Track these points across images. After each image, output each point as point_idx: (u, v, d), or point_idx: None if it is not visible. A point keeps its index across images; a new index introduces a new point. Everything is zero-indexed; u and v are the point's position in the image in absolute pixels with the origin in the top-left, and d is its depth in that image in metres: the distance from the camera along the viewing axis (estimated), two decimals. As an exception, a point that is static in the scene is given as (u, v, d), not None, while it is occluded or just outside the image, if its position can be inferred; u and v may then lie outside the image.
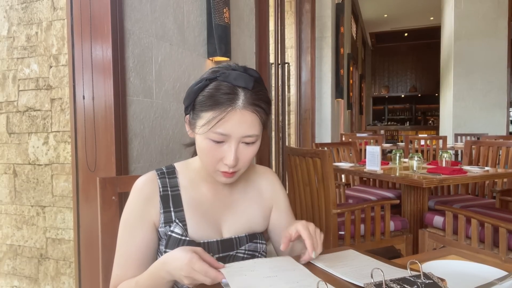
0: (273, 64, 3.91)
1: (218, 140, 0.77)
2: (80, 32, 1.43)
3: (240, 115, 0.76)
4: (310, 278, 0.70)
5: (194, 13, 1.96)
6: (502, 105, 6.37)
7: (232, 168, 0.80)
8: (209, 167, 0.82)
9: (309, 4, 4.78)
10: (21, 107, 1.90)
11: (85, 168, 1.45)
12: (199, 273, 0.67)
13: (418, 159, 2.36)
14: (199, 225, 0.84)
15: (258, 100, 0.78)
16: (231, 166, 0.79)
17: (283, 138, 4.09)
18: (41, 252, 1.88)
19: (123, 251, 0.83)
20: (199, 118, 0.79)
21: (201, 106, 0.78)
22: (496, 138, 4.50)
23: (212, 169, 0.82)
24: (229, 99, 0.75)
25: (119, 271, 0.83)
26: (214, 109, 0.76)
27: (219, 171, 0.81)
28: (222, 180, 0.83)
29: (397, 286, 0.61)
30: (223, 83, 0.77)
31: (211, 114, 0.76)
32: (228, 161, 0.78)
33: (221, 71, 0.79)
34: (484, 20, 6.36)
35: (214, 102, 0.76)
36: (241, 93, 0.76)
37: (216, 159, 0.80)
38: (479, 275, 0.76)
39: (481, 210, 2.15)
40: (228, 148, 0.78)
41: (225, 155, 0.79)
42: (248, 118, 0.77)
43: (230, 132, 0.76)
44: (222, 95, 0.76)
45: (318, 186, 2.00)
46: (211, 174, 0.84)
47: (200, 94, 0.79)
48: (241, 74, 0.77)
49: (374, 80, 13.67)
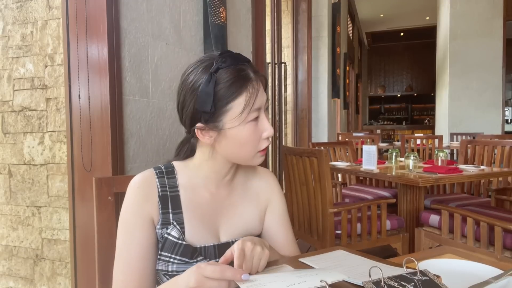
0: (269, 64, 3.91)
1: (255, 118, 0.79)
2: (76, 31, 1.42)
3: (257, 84, 0.79)
4: None
5: (190, 12, 1.95)
6: (498, 104, 6.40)
7: (269, 140, 0.82)
8: (252, 152, 0.82)
9: (306, 4, 4.78)
10: (16, 106, 1.89)
11: (81, 168, 1.44)
12: (211, 281, 0.60)
13: (414, 158, 2.37)
14: (197, 228, 0.82)
15: (256, 67, 0.83)
16: (272, 135, 0.82)
17: (279, 138, 4.09)
18: (36, 252, 1.87)
19: (123, 253, 0.79)
20: (228, 112, 0.76)
21: (226, 98, 0.76)
22: (491, 137, 4.53)
23: (254, 153, 0.82)
24: (247, 75, 0.78)
25: (122, 276, 0.79)
26: (244, 90, 0.77)
27: (259, 151, 0.82)
28: (260, 160, 0.84)
29: (395, 284, 0.61)
30: (231, 66, 0.77)
31: (243, 97, 0.76)
32: (270, 131, 0.80)
33: (215, 60, 0.77)
34: (480, 20, 6.39)
35: (240, 84, 0.77)
36: (247, 66, 0.80)
37: (258, 139, 0.81)
38: (474, 273, 0.76)
39: (477, 209, 2.16)
40: (263, 121, 0.81)
41: (264, 128, 0.81)
42: (261, 85, 0.81)
43: (261, 103, 0.80)
44: (240, 76, 0.77)
45: (314, 185, 2.00)
46: (249, 163, 0.84)
47: (217, 90, 0.76)
48: (232, 53, 0.80)
49: (370, 79, 13.71)
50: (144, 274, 0.79)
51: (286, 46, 4.71)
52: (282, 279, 0.62)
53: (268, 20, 3.83)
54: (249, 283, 0.60)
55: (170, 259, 0.79)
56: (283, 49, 4.53)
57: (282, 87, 4.16)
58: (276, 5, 4.09)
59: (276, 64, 4.08)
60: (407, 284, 0.61)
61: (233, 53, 0.80)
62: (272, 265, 0.78)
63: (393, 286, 0.61)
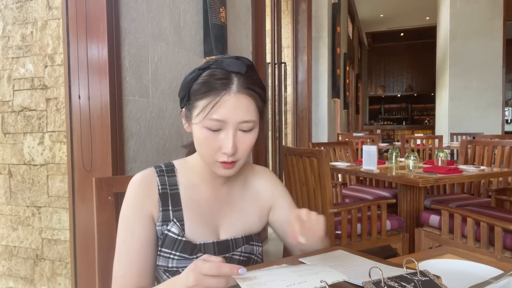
0: (269, 64, 3.91)
1: (214, 128, 0.76)
2: (76, 32, 1.42)
3: (235, 99, 0.75)
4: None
5: (190, 12, 1.95)
6: (497, 104, 6.40)
7: (231, 157, 0.77)
8: (207, 158, 0.79)
9: (306, 4, 4.78)
10: (16, 107, 1.89)
11: (81, 168, 1.44)
12: (210, 278, 0.59)
13: (414, 158, 2.37)
14: (197, 225, 0.83)
15: (252, 84, 0.77)
16: (230, 154, 0.76)
17: (279, 138, 4.09)
18: (36, 252, 1.87)
19: (123, 249, 0.80)
20: (195, 108, 0.78)
21: (196, 95, 0.77)
22: (491, 137, 4.52)
23: (211, 161, 0.79)
24: (223, 84, 0.75)
25: (121, 271, 0.80)
26: (209, 95, 0.75)
27: (218, 162, 0.78)
28: (221, 172, 0.80)
29: (395, 284, 0.61)
30: (216, 70, 0.77)
31: (205, 101, 0.75)
32: (227, 149, 0.76)
33: (213, 60, 0.80)
34: (480, 20, 6.39)
35: (208, 88, 0.75)
36: (234, 78, 0.76)
37: (214, 149, 0.77)
38: (474, 273, 0.76)
39: (477, 209, 2.16)
40: (226, 136, 0.76)
41: (223, 144, 0.76)
42: (244, 102, 0.76)
43: (226, 117, 0.75)
44: (216, 81, 0.75)
45: (315, 185, 2.00)
46: (211, 168, 0.81)
47: (194, 84, 0.78)
48: (234, 61, 0.78)
49: (370, 79, 13.71)
50: (144, 270, 0.80)
51: (286, 46, 4.71)
52: (282, 278, 0.62)
53: (268, 20, 3.83)
54: (249, 282, 0.60)
55: (170, 255, 0.80)
56: (283, 49, 4.53)
57: (282, 87, 4.16)
58: (276, 5, 4.09)
59: (276, 64, 4.08)
60: (407, 285, 0.61)
61: (236, 61, 0.78)
62: (272, 264, 0.78)
63: (393, 286, 0.61)
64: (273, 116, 3.98)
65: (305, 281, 0.60)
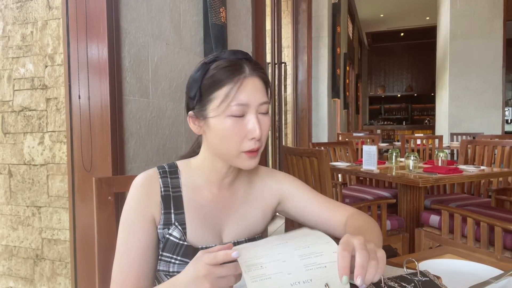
0: (269, 64, 3.91)
1: (239, 114, 0.76)
2: (76, 32, 1.42)
3: (252, 81, 0.77)
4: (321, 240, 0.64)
5: (190, 12, 1.95)
6: (498, 104, 6.40)
7: (257, 143, 0.77)
8: (233, 150, 0.78)
9: (306, 4, 4.78)
10: (16, 107, 1.89)
11: (81, 168, 1.44)
12: (216, 268, 0.59)
13: (414, 158, 2.37)
14: (199, 229, 0.82)
15: (260, 66, 0.80)
16: (259, 137, 0.76)
17: (279, 138, 4.09)
18: (36, 252, 1.87)
19: (123, 251, 0.79)
20: (212, 101, 0.77)
21: (211, 87, 0.77)
22: (491, 137, 4.53)
23: (236, 153, 0.78)
24: (237, 69, 0.77)
25: (121, 274, 0.78)
26: (227, 82, 0.75)
27: (244, 152, 0.77)
28: (247, 164, 0.79)
29: (395, 284, 0.61)
30: (223, 60, 0.78)
31: (226, 88, 0.75)
32: (254, 132, 0.75)
33: (214, 54, 0.80)
34: (480, 20, 6.39)
35: (225, 76, 0.76)
36: (244, 62, 0.78)
37: (241, 137, 0.76)
38: (474, 273, 0.76)
39: (477, 209, 2.16)
40: (251, 120, 0.76)
41: (249, 128, 0.76)
42: (258, 84, 0.78)
43: (248, 100, 0.75)
44: (230, 67, 0.76)
45: (315, 185, 2.00)
46: (234, 163, 0.80)
47: (205, 79, 0.78)
48: (235, 51, 0.80)
49: (370, 79, 13.71)
50: (143, 273, 0.79)
51: (286, 46, 4.71)
52: (288, 271, 0.58)
53: (268, 20, 3.84)
54: (253, 273, 0.58)
55: (172, 260, 0.79)
56: (283, 49, 4.53)
57: (282, 87, 4.16)
58: (276, 5, 4.09)
59: (276, 64, 4.08)
60: (407, 285, 0.61)
61: (234, 50, 0.81)
62: None
63: (393, 286, 0.61)
64: (273, 116, 3.98)
65: (311, 279, 0.58)
